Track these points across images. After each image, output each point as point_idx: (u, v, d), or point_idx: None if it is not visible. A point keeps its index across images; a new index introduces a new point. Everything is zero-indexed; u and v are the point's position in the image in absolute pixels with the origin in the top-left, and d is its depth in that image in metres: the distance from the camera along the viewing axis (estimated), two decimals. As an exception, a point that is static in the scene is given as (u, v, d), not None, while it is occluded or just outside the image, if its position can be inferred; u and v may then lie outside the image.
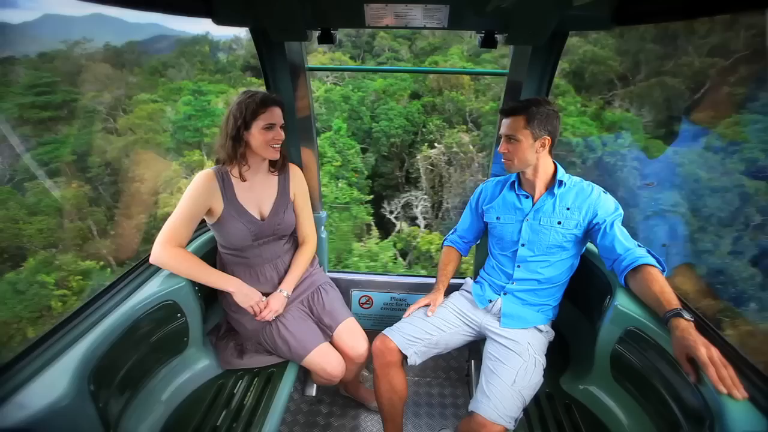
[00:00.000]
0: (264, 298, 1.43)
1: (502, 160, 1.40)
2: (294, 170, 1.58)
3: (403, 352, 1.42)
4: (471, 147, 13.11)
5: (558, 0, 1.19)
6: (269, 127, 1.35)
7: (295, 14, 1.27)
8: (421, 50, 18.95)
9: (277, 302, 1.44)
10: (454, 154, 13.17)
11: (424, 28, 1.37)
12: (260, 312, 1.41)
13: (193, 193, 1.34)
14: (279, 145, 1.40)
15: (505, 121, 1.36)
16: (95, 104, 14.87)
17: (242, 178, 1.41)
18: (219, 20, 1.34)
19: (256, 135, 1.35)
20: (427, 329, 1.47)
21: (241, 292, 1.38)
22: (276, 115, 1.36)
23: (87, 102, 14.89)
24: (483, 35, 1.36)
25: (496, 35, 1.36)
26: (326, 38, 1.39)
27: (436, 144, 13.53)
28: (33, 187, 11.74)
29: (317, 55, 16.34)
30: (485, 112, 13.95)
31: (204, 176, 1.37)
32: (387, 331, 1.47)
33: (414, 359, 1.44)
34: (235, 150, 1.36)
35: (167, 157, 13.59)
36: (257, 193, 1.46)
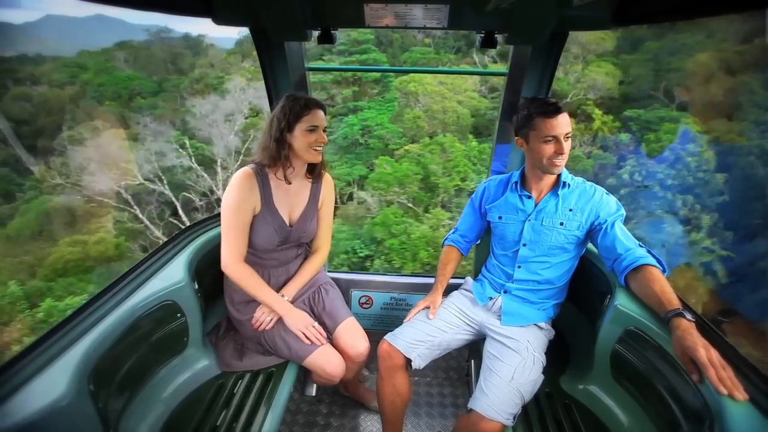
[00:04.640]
0: (316, 323, 1.44)
1: (557, 161, 1.31)
2: (326, 177, 1.56)
3: (407, 356, 1.42)
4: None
5: (558, 0, 1.19)
6: (312, 129, 1.34)
7: (295, 14, 1.27)
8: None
9: (280, 306, 1.44)
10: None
11: (424, 28, 1.37)
12: (314, 341, 1.41)
13: (239, 200, 1.33)
14: (321, 148, 1.38)
15: (560, 119, 1.27)
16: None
17: (287, 181, 1.40)
18: (219, 20, 1.35)
19: (298, 137, 1.33)
20: (429, 332, 1.46)
21: (290, 316, 1.41)
22: (319, 117, 1.35)
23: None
24: (483, 35, 1.37)
25: (496, 35, 1.36)
26: (326, 38, 1.39)
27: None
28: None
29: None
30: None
31: (244, 175, 1.35)
32: (389, 337, 1.46)
33: (418, 362, 1.43)
34: (279, 152, 1.34)
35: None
36: (291, 198, 1.45)
